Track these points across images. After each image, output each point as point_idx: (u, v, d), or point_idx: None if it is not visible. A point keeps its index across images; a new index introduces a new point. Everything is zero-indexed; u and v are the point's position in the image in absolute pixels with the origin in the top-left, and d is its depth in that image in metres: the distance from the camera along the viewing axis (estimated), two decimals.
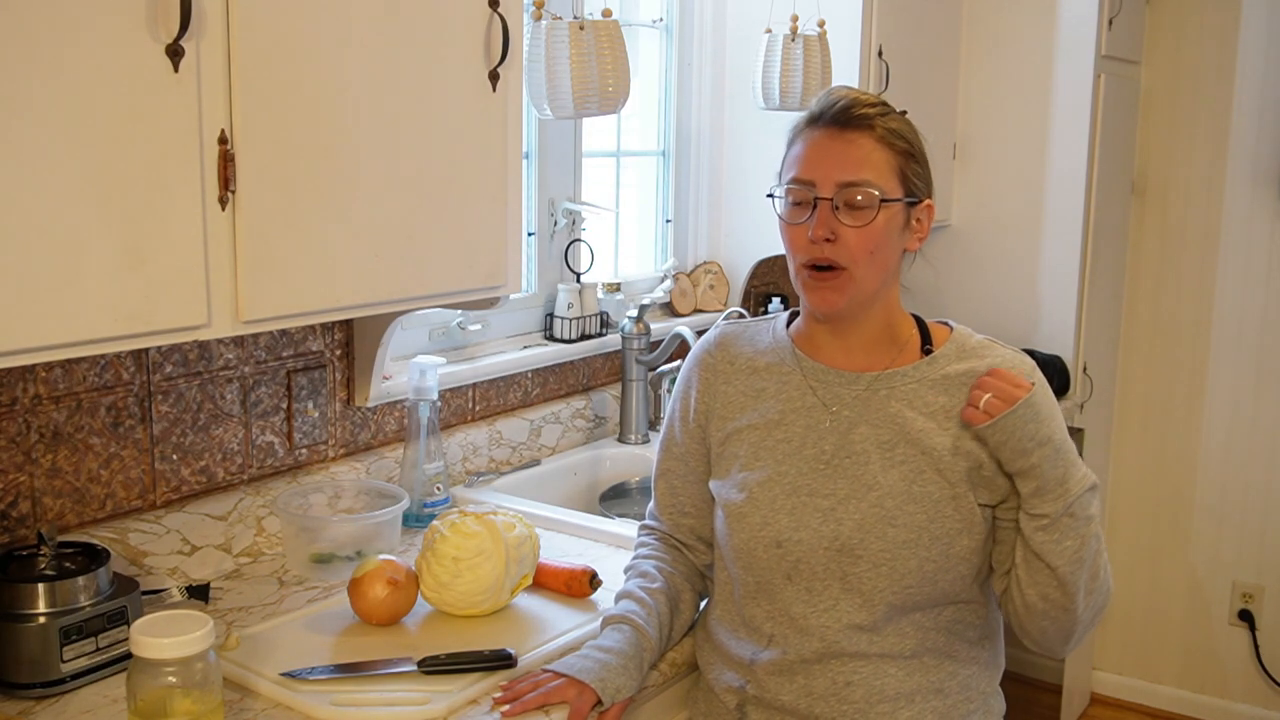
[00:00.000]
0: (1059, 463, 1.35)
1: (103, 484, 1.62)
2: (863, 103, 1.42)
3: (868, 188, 1.39)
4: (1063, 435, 1.38)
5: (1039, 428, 1.34)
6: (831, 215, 1.39)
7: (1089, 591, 1.39)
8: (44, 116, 1.12)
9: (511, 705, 1.33)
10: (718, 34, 2.80)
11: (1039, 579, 1.38)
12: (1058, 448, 1.36)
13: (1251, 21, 3.21)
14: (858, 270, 1.41)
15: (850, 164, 1.39)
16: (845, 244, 1.39)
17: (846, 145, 1.40)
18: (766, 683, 1.45)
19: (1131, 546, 3.52)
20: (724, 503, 1.50)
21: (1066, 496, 1.35)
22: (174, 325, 1.27)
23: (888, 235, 1.41)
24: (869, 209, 1.39)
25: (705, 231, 2.89)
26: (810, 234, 1.40)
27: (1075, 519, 1.35)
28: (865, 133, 1.41)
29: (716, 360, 1.57)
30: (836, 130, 1.41)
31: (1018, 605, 1.42)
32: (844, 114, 1.41)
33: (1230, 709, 3.45)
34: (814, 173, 1.40)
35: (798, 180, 1.42)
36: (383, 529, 1.73)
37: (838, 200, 1.39)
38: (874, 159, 1.40)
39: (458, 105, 1.57)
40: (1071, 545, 1.35)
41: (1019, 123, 3.07)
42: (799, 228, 1.42)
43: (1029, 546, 1.37)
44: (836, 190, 1.39)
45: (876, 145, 1.41)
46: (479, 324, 2.25)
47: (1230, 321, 3.34)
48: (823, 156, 1.41)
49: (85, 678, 1.36)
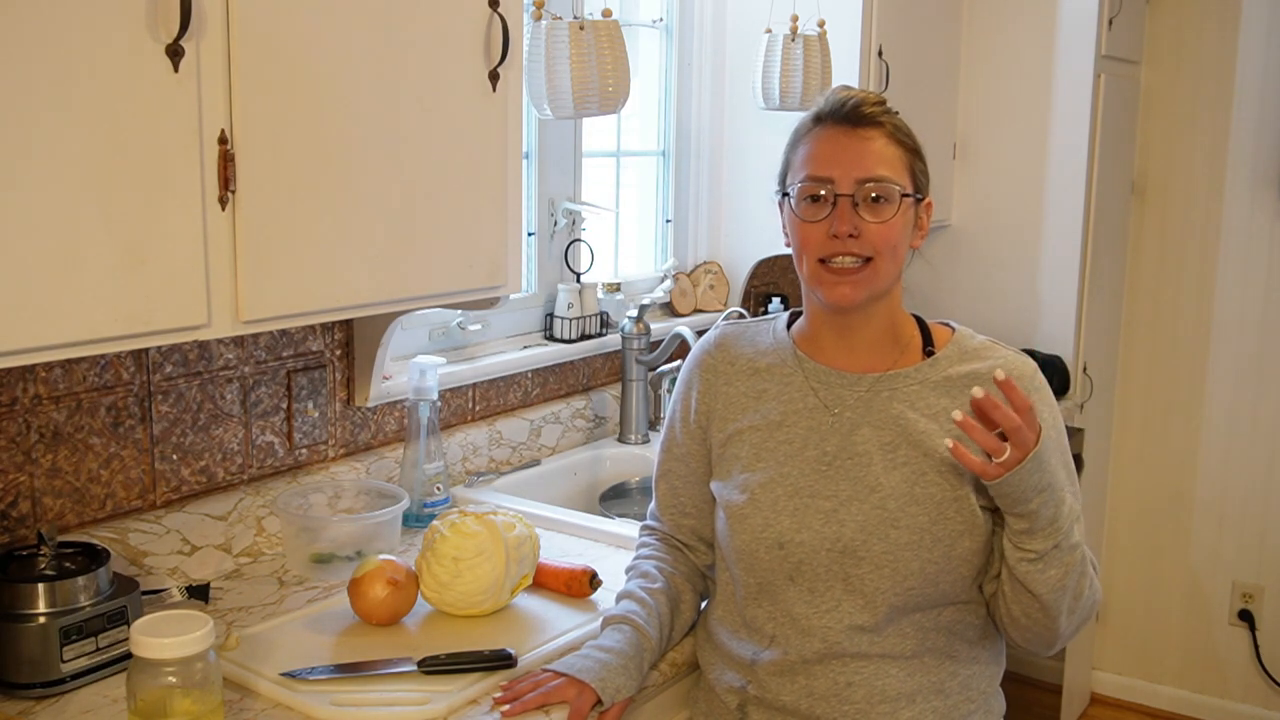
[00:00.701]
0: (1052, 502, 1.31)
1: (103, 484, 1.61)
2: (870, 101, 1.43)
3: (889, 183, 1.40)
4: (1056, 465, 1.32)
5: (1041, 476, 1.29)
6: (853, 211, 1.40)
7: (1071, 611, 1.39)
8: (44, 116, 1.12)
9: (511, 705, 1.33)
10: (718, 34, 2.80)
11: (1022, 599, 1.38)
12: (1055, 490, 1.31)
13: (1251, 21, 3.20)
14: (881, 263, 1.41)
15: (869, 160, 1.40)
16: (868, 239, 1.40)
17: (863, 142, 1.41)
18: (767, 683, 1.45)
19: (1131, 546, 3.51)
20: (725, 504, 1.50)
21: (1056, 535, 1.32)
22: (174, 325, 1.27)
23: (905, 230, 1.43)
24: (890, 204, 1.40)
25: (705, 231, 2.89)
26: (833, 230, 1.39)
27: (1060, 550, 1.33)
28: (878, 129, 1.42)
29: (717, 361, 1.57)
30: (849, 128, 1.41)
31: (1002, 614, 1.43)
32: (855, 111, 1.42)
33: (1230, 709, 3.44)
34: (832, 170, 1.40)
35: (814, 178, 1.41)
36: (383, 529, 1.73)
37: (857, 197, 1.39)
38: (889, 155, 1.41)
39: (458, 105, 1.57)
40: (1055, 575, 1.34)
41: (1019, 123, 3.07)
42: (816, 225, 1.41)
43: (1013, 573, 1.36)
44: (856, 186, 1.39)
45: (889, 142, 1.42)
46: (479, 324, 2.25)
47: (1230, 321, 3.34)
48: (839, 153, 1.41)
49: (85, 678, 1.36)
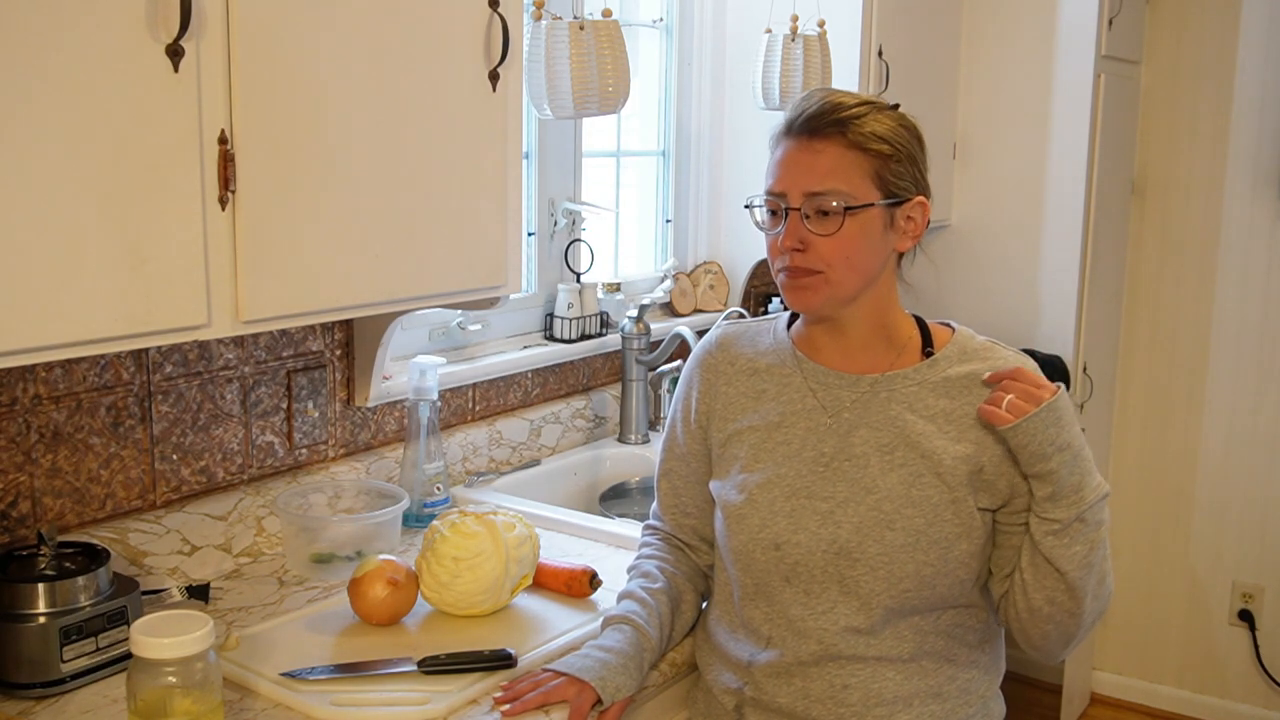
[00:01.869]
0: (1076, 469, 1.36)
1: (103, 484, 1.62)
2: (838, 106, 1.41)
3: (832, 197, 1.39)
4: (1081, 441, 1.38)
5: (1059, 433, 1.34)
6: (800, 224, 1.40)
7: (1095, 596, 1.39)
8: (44, 116, 1.12)
9: (511, 705, 1.34)
10: (718, 34, 2.80)
11: (1046, 583, 1.38)
12: (1076, 454, 1.36)
13: (1251, 21, 3.20)
14: (833, 274, 1.41)
15: (816, 174, 1.40)
16: (817, 251, 1.41)
17: (814, 156, 1.40)
18: (764, 684, 1.45)
19: (1131, 546, 3.52)
20: (723, 504, 1.50)
21: (1080, 504, 1.35)
22: (174, 325, 1.27)
23: (863, 240, 1.41)
24: (835, 217, 1.40)
25: (705, 231, 2.89)
26: (780, 243, 1.42)
27: (1086, 524, 1.36)
28: (833, 140, 1.40)
29: (717, 361, 1.57)
30: (805, 140, 1.42)
31: (1020, 609, 1.42)
32: (810, 122, 1.41)
33: (1230, 709, 3.44)
34: (784, 184, 1.42)
35: (770, 192, 1.44)
36: (383, 529, 1.73)
37: (806, 209, 1.40)
38: (841, 167, 1.40)
39: (458, 105, 1.57)
40: (1080, 551, 1.36)
41: (1019, 123, 3.07)
42: (774, 236, 1.44)
43: (1038, 550, 1.37)
44: (804, 200, 1.40)
45: (845, 151, 1.40)
46: (479, 324, 2.25)
47: (1230, 321, 3.34)
48: (790, 167, 1.42)
49: (85, 678, 1.36)
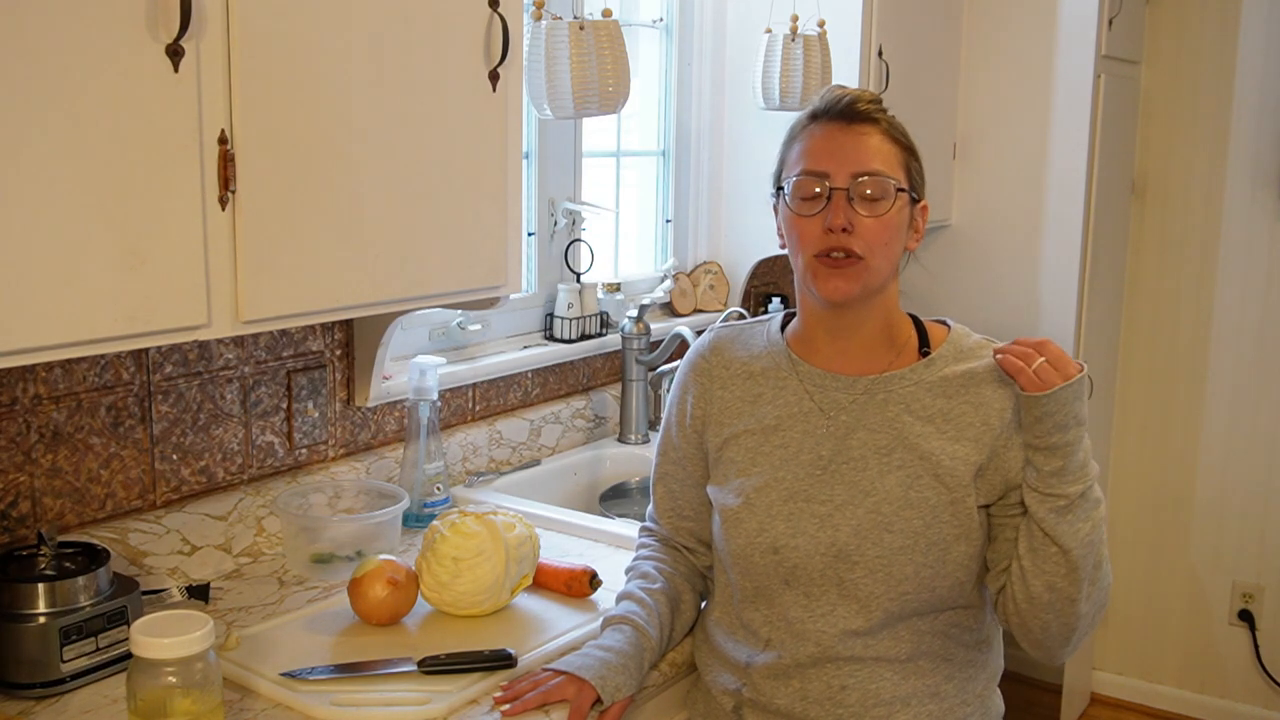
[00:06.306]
0: (1084, 446, 1.37)
1: (103, 484, 1.62)
2: (865, 99, 1.44)
3: (883, 178, 1.40)
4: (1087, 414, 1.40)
5: (1081, 407, 1.36)
6: (848, 205, 1.40)
7: (1092, 581, 1.38)
8: (44, 117, 1.12)
9: (511, 705, 1.34)
10: (718, 34, 2.80)
11: (1047, 567, 1.37)
12: (1085, 431, 1.38)
13: (1251, 21, 3.20)
14: (874, 260, 1.41)
15: (864, 155, 1.40)
16: (862, 234, 1.39)
17: (858, 137, 1.41)
18: (762, 686, 1.45)
19: (1131, 546, 3.52)
20: (721, 508, 1.50)
21: (1086, 480, 1.36)
22: (174, 325, 1.27)
23: (899, 227, 1.43)
24: (885, 199, 1.40)
25: (705, 231, 2.89)
26: (828, 223, 1.39)
27: (1088, 501, 1.37)
28: (874, 126, 1.42)
29: (712, 365, 1.56)
30: (845, 123, 1.42)
31: (1019, 600, 1.40)
32: (851, 108, 1.42)
33: (1230, 709, 3.44)
34: (827, 164, 1.41)
35: (809, 172, 1.42)
36: (383, 529, 1.73)
37: (852, 191, 1.40)
38: (884, 151, 1.42)
39: (458, 105, 1.57)
40: (1085, 528, 1.36)
41: (1019, 123, 3.07)
42: (811, 220, 1.41)
43: (1041, 530, 1.37)
44: (851, 181, 1.40)
45: (885, 139, 1.42)
46: (479, 324, 2.25)
47: (1230, 322, 3.34)
48: (834, 148, 1.41)
49: (85, 678, 1.36)
